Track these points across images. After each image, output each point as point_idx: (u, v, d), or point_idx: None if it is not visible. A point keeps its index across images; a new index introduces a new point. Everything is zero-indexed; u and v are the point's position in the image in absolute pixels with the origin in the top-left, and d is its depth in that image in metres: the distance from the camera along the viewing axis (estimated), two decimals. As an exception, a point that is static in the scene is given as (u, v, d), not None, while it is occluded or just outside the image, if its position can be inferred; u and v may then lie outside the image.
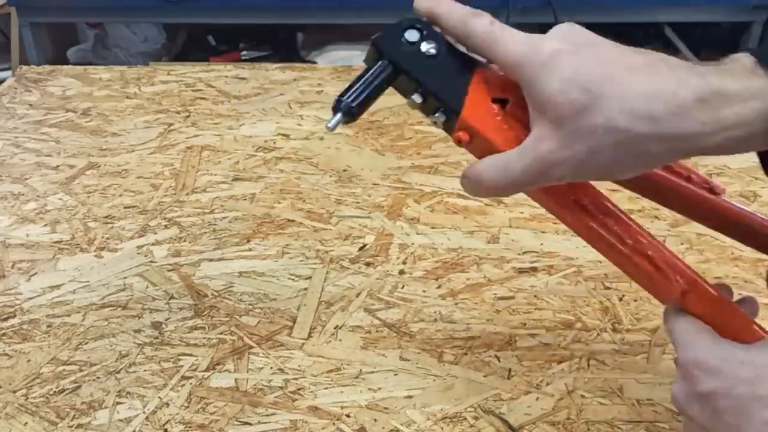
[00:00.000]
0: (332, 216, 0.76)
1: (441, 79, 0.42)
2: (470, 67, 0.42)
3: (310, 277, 0.67)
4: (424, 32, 0.42)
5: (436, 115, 0.43)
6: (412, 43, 0.42)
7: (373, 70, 0.43)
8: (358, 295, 0.64)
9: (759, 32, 2.02)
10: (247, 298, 0.64)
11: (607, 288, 0.65)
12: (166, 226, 0.74)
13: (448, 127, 0.43)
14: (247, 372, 0.56)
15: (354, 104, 0.42)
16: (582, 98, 0.37)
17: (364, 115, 0.43)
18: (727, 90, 0.36)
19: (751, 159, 0.41)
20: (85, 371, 0.56)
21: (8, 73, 2.36)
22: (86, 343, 0.59)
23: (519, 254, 0.69)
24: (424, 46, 0.42)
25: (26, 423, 0.52)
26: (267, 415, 0.52)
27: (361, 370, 0.56)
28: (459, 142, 0.43)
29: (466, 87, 0.42)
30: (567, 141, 0.38)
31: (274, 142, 0.91)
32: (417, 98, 0.43)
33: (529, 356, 0.58)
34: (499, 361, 0.57)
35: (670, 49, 2.22)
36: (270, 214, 0.76)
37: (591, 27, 0.40)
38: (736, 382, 0.38)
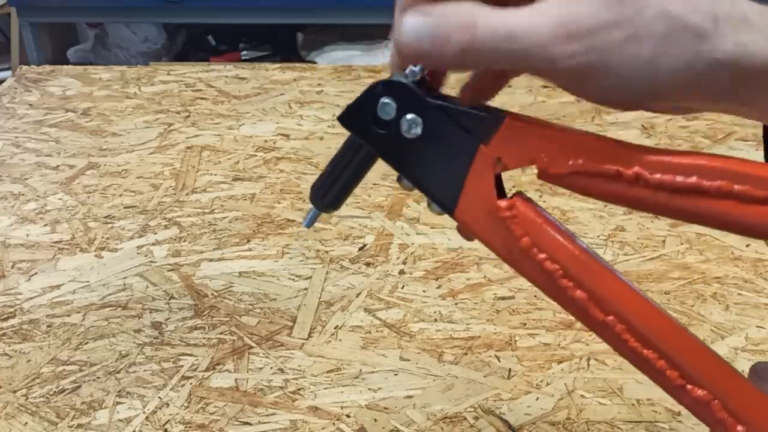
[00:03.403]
0: (332, 216, 0.76)
1: (428, 169, 0.33)
2: (470, 144, 0.32)
3: (310, 277, 0.67)
4: (404, 102, 0.32)
5: (432, 205, 0.34)
6: (388, 123, 0.32)
7: (344, 154, 0.35)
8: (358, 295, 0.64)
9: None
10: (247, 298, 0.64)
11: (607, 288, 0.65)
12: (166, 226, 0.74)
13: None
14: (247, 372, 0.56)
15: (327, 201, 0.36)
16: None
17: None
18: None
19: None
20: (85, 371, 0.56)
21: (8, 73, 2.36)
22: (86, 343, 0.59)
23: (519, 254, 0.69)
24: (405, 125, 0.32)
25: (26, 423, 0.52)
26: (267, 415, 0.52)
27: (361, 370, 0.56)
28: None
29: (462, 177, 0.32)
30: (605, 7, 0.27)
31: (274, 142, 0.91)
32: (407, 183, 0.34)
33: (529, 356, 0.58)
34: (499, 361, 0.57)
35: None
36: (270, 214, 0.76)
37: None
38: None
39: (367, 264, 0.69)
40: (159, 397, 0.54)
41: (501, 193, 0.33)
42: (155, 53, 2.50)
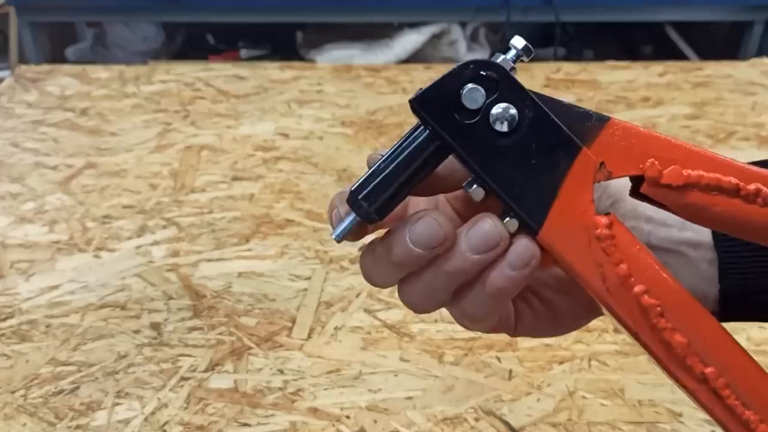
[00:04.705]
0: (332, 216, 0.75)
1: (515, 172, 0.27)
2: (571, 145, 0.27)
3: (309, 278, 0.67)
4: (497, 91, 0.26)
5: (506, 220, 0.28)
6: (474, 112, 0.27)
7: (407, 147, 0.27)
8: (357, 295, 0.64)
9: (760, 32, 2.02)
10: (246, 298, 0.64)
11: (608, 288, 0.65)
12: (164, 226, 0.74)
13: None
14: (247, 373, 0.56)
15: (374, 206, 0.27)
16: None
17: (363, 115, 0.39)
18: None
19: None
20: (83, 372, 0.56)
21: (7, 72, 2.36)
22: (85, 344, 0.59)
23: (519, 254, 0.69)
24: (495, 116, 0.27)
25: (25, 424, 0.51)
26: (266, 417, 0.52)
27: (361, 371, 0.56)
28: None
29: (557, 184, 0.27)
30: None
31: (274, 142, 0.90)
32: (477, 192, 0.28)
33: (530, 357, 0.57)
34: (500, 362, 0.57)
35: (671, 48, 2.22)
36: (269, 214, 0.76)
37: (592, 26, 0.36)
38: None
39: (367, 264, 0.68)
40: (158, 398, 0.54)
41: None
42: (154, 52, 2.50)
